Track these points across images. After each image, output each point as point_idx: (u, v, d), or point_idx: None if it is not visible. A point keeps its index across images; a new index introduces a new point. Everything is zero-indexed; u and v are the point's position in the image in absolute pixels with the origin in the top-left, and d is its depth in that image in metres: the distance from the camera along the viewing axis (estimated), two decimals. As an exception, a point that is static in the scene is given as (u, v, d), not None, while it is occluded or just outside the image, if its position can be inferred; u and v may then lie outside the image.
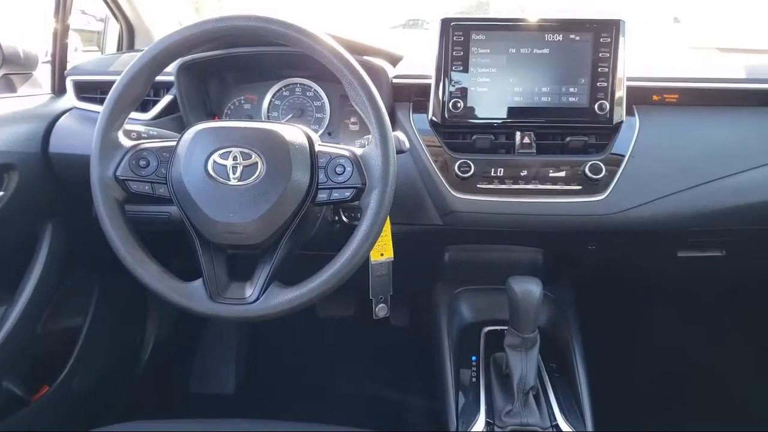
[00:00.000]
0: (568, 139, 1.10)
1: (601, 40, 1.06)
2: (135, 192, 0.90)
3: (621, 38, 1.06)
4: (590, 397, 1.13)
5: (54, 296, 1.35)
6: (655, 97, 1.16)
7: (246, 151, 0.86)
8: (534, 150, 1.11)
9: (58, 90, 1.37)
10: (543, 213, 1.11)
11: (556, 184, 1.09)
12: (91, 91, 1.28)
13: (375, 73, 1.13)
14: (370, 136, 0.87)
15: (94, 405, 1.54)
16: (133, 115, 1.16)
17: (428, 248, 1.35)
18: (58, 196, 1.28)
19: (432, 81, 1.11)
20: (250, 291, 0.87)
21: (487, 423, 1.05)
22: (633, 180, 1.09)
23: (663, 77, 1.17)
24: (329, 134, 1.26)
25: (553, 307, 1.28)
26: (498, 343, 1.12)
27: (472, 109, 1.10)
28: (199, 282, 0.88)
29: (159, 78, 0.94)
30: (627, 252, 1.33)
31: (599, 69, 1.07)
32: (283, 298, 0.85)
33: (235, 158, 0.86)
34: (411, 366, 1.81)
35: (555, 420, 1.05)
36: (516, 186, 1.10)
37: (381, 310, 1.14)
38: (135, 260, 0.87)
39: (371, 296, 1.12)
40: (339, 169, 0.88)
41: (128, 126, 0.94)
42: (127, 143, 0.91)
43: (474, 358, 1.19)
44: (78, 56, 1.55)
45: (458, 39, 1.08)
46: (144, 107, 1.23)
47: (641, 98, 1.14)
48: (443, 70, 1.09)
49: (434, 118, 1.11)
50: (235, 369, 1.84)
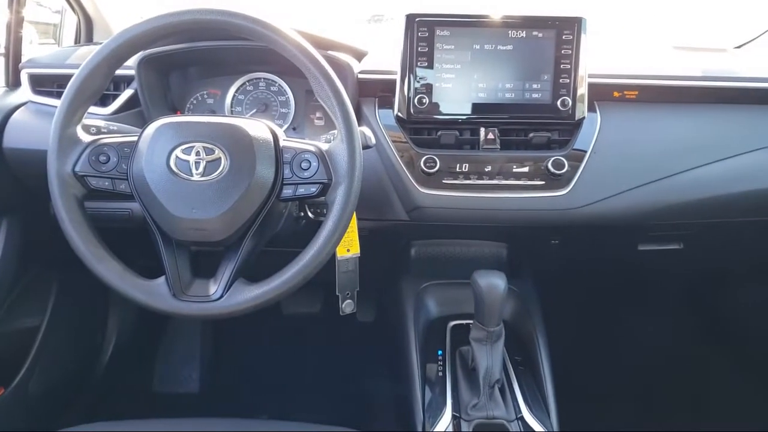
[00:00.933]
0: (532, 135, 1.12)
1: (564, 38, 1.08)
2: (95, 188, 0.87)
3: (582, 36, 1.08)
4: (554, 389, 1.15)
5: (9, 295, 1.31)
6: (616, 94, 1.18)
7: (209, 146, 0.85)
8: (498, 146, 1.12)
9: (13, 83, 1.33)
10: (507, 208, 1.12)
11: (520, 180, 1.11)
12: (48, 85, 1.25)
13: (340, 69, 1.12)
14: (336, 132, 0.87)
15: (53, 407, 1.49)
16: (93, 110, 1.14)
17: (394, 243, 1.35)
18: (13, 192, 1.24)
19: (397, 77, 1.11)
20: (214, 288, 0.86)
21: (454, 417, 1.05)
22: (594, 175, 1.11)
23: (623, 74, 1.20)
24: (294, 129, 1.25)
25: (518, 301, 1.30)
26: (464, 337, 1.12)
27: (437, 105, 1.11)
28: (162, 279, 0.86)
29: (119, 72, 0.91)
30: (589, 246, 1.36)
31: (561, 66, 1.09)
32: (248, 296, 0.84)
33: (198, 153, 0.84)
34: (377, 361, 1.81)
35: (520, 412, 1.06)
36: (481, 181, 1.11)
37: (348, 306, 1.14)
38: (95, 258, 0.85)
39: (338, 292, 1.12)
40: (304, 165, 0.87)
41: (87, 120, 0.92)
42: (87, 138, 0.88)
43: (440, 353, 1.20)
44: (33, 49, 1.50)
45: (423, 35, 1.08)
46: (104, 101, 1.20)
47: (602, 95, 1.16)
48: (408, 66, 1.09)
49: (400, 114, 1.11)
50: (199, 368, 1.82)
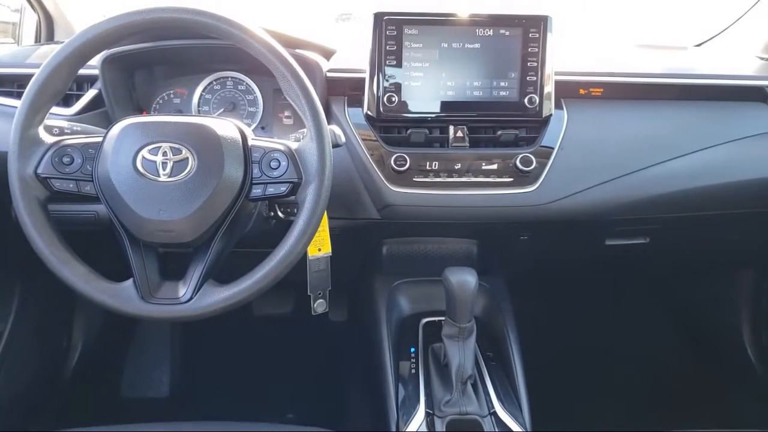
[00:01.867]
0: (500, 133, 1.13)
1: (530, 36, 1.09)
2: (58, 190, 0.85)
3: (549, 34, 1.09)
4: (526, 383, 1.16)
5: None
6: (582, 91, 1.20)
7: (176, 147, 0.83)
8: (467, 143, 1.13)
9: (-30, 83, 1.29)
10: (477, 205, 1.13)
11: (489, 177, 1.12)
12: (8, 85, 1.21)
13: (309, 67, 1.11)
14: (305, 130, 0.87)
15: (17, 414, 1.46)
16: (55, 110, 1.11)
17: (366, 242, 1.35)
18: None
19: (366, 75, 1.11)
20: (184, 290, 0.84)
21: (427, 414, 1.06)
22: (562, 171, 1.13)
23: (589, 72, 1.22)
24: (263, 128, 1.24)
25: (489, 297, 1.31)
26: (436, 334, 1.13)
27: (407, 104, 1.11)
28: (130, 282, 0.85)
29: (82, 71, 0.89)
30: (557, 241, 1.38)
31: (528, 64, 1.10)
32: (218, 297, 0.83)
33: (165, 154, 0.83)
34: (350, 360, 1.81)
35: (493, 407, 1.08)
36: (450, 179, 1.11)
37: (320, 306, 1.13)
38: (59, 261, 0.83)
39: (309, 292, 1.11)
40: (274, 164, 0.87)
41: (49, 121, 0.90)
42: (49, 139, 0.86)
43: (413, 350, 1.21)
44: (-9, 48, 1.46)
45: (391, 33, 1.08)
46: (66, 102, 1.17)
47: (568, 92, 1.18)
48: (377, 65, 1.09)
49: (369, 113, 1.11)
50: (169, 371, 1.79)
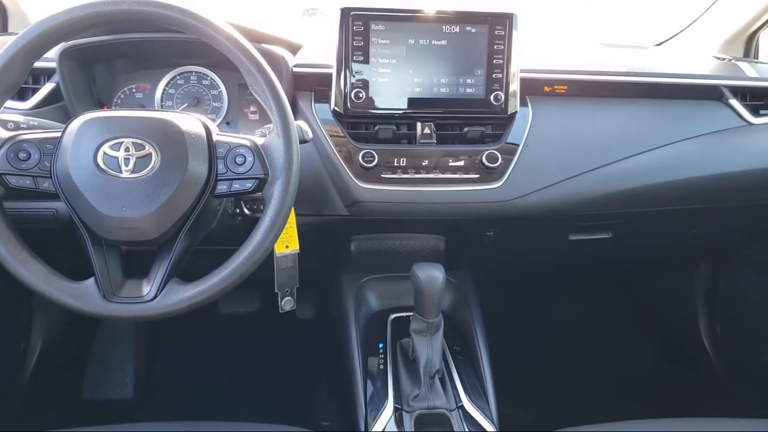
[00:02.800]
0: (466, 130, 1.13)
1: (496, 33, 1.10)
2: (15, 187, 0.82)
3: (514, 32, 1.10)
4: (492, 377, 1.18)
5: None
6: (546, 89, 1.22)
7: (139, 142, 0.82)
8: (434, 140, 1.13)
9: None
10: (444, 201, 1.14)
11: (456, 173, 1.13)
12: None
13: (275, 62, 1.11)
14: (271, 126, 0.86)
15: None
16: (10, 104, 1.08)
17: (334, 239, 1.34)
18: None
19: (333, 71, 1.10)
20: (148, 289, 0.83)
21: (395, 409, 1.06)
22: (527, 168, 1.14)
23: (553, 69, 1.23)
24: (228, 124, 1.22)
25: (456, 292, 1.32)
26: (404, 329, 1.14)
27: (374, 100, 1.11)
28: (91, 281, 0.83)
29: (39, 64, 0.87)
30: (523, 236, 1.40)
31: (494, 61, 1.11)
32: (183, 295, 0.82)
33: (128, 149, 0.81)
34: (318, 357, 1.81)
35: (460, 401, 1.09)
36: (418, 175, 1.12)
37: (287, 304, 1.13)
38: (16, 260, 0.80)
39: (277, 290, 1.10)
40: (239, 160, 0.85)
41: (4, 115, 0.87)
42: (4, 134, 0.83)
43: (381, 346, 1.21)
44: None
45: (358, 29, 1.08)
46: (22, 95, 1.13)
47: (533, 89, 1.20)
48: (344, 60, 1.09)
49: (336, 108, 1.11)
50: (133, 371, 1.75)
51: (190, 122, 0.86)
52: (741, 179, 1.25)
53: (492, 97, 1.12)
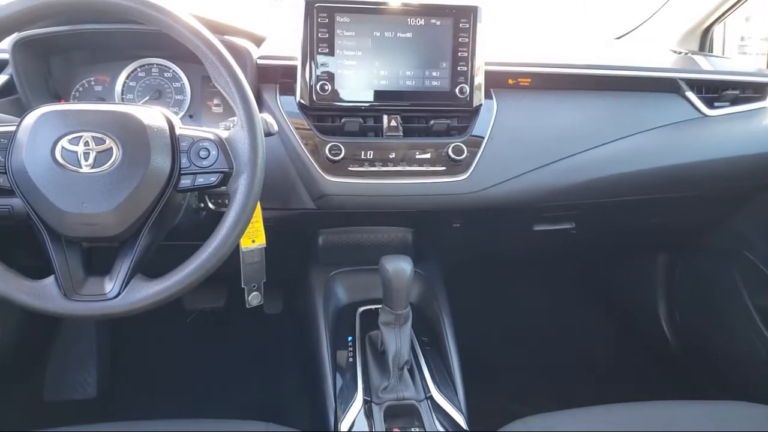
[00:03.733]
0: (432, 122, 1.14)
1: (461, 26, 1.11)
2: None
3: (479, 24, 1.11)
4: (460, 367, 1.19)
5: None
6: (510, 81, 1.23)
7: (99, 136, 0.80)
8: (401, 133, 1.13)
9: None
10: (411, 193, 1.14)
11: (423, 166, 1.13)
12: None
13: (238, 54, 1.09)
14: (236, 119, 0.85)
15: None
16: (-41, 98, 1.04)
17: (301, 233, 1.34)
18: None
19: (298, 63, 1.09)
20: (111, 286, 0.81)
21: (365, 401, 1.06)
22: (492, 160, 1.16)
23: (517, 62, 1.25)
24: (191, 117, 1.20)
25: (424, 283, 1.33)
26: (373, 322, 1.14)
27: (340, 92, 1.10)
28: (51, 279, 0.80)
29: (-10, 55, 0.84)
30: (489, 227, 1.41)
31: (459, 54, 1.12)
32: (147, 292, 0.81)
33: (87, 144, 0.79)
34: (287, 352, 1.80)
35: (429, 392, 1.10)
36: (385, 168, 1.12)
37: (254, 299, 1.12)
38: None
39: (243, 285, 1.09)
40: (203, 153, 0.84)
41: (-46, 109, 0.83)
42: None
43: (350, 339, 1.21)
44: None
45: (323, 21, 1.07)
46: (-28, 88, 1.09)
47: (498, 82, 1.21)
48: (309, 53, 1.08)
49: (302, 101, 1.10)
50: (96, 371, 1.72)
51: (152, 115, 0.84)
52: (697, 170, 1.29)
53: (457, 90, 1.13)
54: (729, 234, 1.58)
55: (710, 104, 1.33)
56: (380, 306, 1.10)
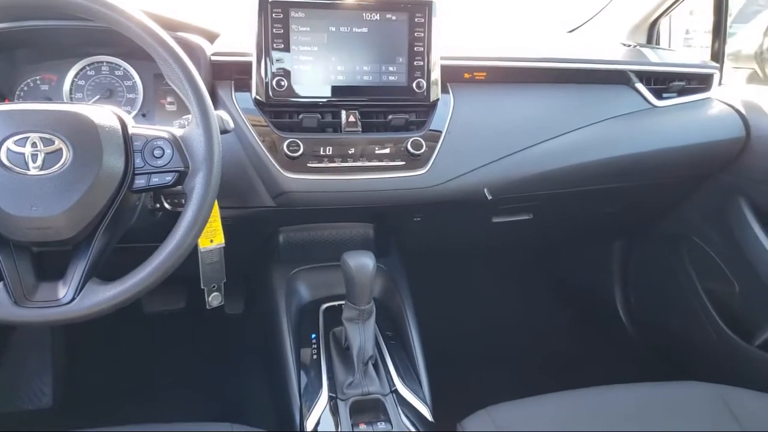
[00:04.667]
0: (390, 117, 1.14)
1: (416, 20, 1.11)
2: None
3: (434, 19, 1.12)
4: (425, 360, 1.20)
5: None
6: (467, 75, 1.25)
7: (47, 137, 0.77)
8: (359, 128, 1.13)
9: None
10: (371, 189, 1.14)
11: (382, 161, 1.13)
12: None
13: (191, 50, 1.07)
14: (190, 116, 0.83)
15: None
16: None
17: (261, 231, 1.32)
18: None
19: (253, 59, 1.08)
20: (64, 291, 0.79)
21: (330, 397, 1.07)
22: (450, 154, 1.17)
23: (472, 56, 1.26)
24: (144, 116, 1.17)
25: (386, 278, 1.34)
26: (336, 319, 1.14)
27: (297, 88, 1.09)
28: (0, 286, 0.77)
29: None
30: (449, 221, 1.43)
31: (415, 48, 1.12)
32: (103, 296, 0.78)
33: (35, 145, 0.76)
34: (250, 352, 1.78)
35: (394, 385, 1.10)
36: (345, 164, 1.11)
37: (214, 299, 1.10)
38: None
39: (203, 285, 1.08)
40: (157, 152, 0.82)
41: None
42: None
43: (313, 336, 1.21)
44: None
45: (277, 16, 1.06)
46: None
47: (454, 76, 1.22)
48: (264, 49, 1.07)
49: (258, 97, 1.09)
50: (52, 379, 1.66)
51: (103, 115, 0.82)
52: (648, 159, 1.33)
53: (414, 85, 1.13)
54: (679, 220, 1.64)
55: (658, 95, 1.38)
56: (343, 302, 1.10)
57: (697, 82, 1.43)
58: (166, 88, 1.14)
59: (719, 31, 1.55)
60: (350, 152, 1.11)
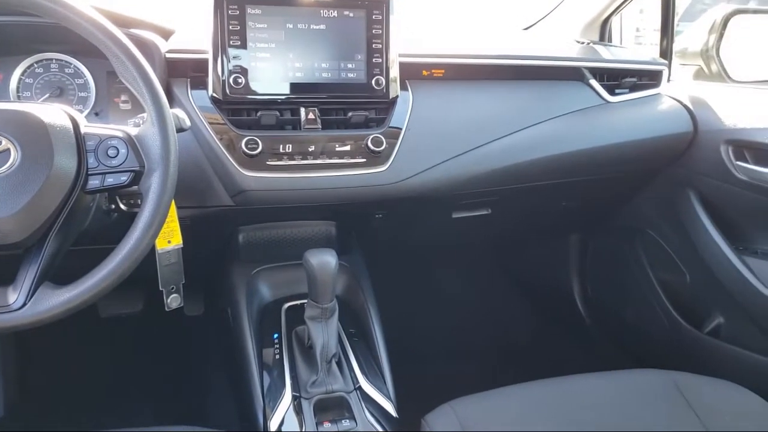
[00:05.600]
0: (350, 114, 1.14)
1: (374, 18, 1.11)
2: None
3: (391, 16, 1.12)
4: (388, 356, 1.21)
5: None
6: (425, 73, 1.25)
7: None
8: (319, 125, 1.12)
9: None
10: (332, 186, 1.14)
11: (342, 158, 1.13)
12: None
13: (145, 48, 1.04)
14: (145, 115, 0.81)
15: None
16: None
17: (220, 230, 1.31)
18: None
19: (209, 56, 1.06)
20: (15, 296, 0.76)
21: (294, 396, 1.06)
22: (410, 151, 1.17)
23: (430, 54, 1.27)
24: (96, 115, 1.14)
25: (349, 275, 1.34)
26: (299, 318, 1.13)
27: (254, 85, 1.08)
28: None
29: None
30: (410, 217, 1.44)
31: (373, 45, 1.12)
32: (56, 301, 0.76)
33: (-21, 145, 0.73)
34: (212, 354, 1.76)
35: (358, 382, 1.10)
36: (305, 161, 1.11)
37: (173, 301, 1.08)
38: None
39: (161, 287, 1.06)
40: (111, 152, 0.80)
41: None
42: None
43: (276, 336, 1.20)
44: None
45: (233, 13, 1.05)
46: None
47: (413, 73, 1.22)
48: (220, 46, 1.05)
49: (215, 95, 1.07)
50: (2, 389, 1.60)
51: (54, 114, 0.80)
52: (602, 153, 1.36)
53: (373, 82, 1.13)
54: (633, 213, 1.68)
55: (611, 91, 1.41)
56: (306, 301, 1.09)
57: (648, 79, 1.47)
58: (120, 87, 1.12)
59: (667, 29, 1.60)
60: (310, 150, 1.11)
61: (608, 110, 1.39)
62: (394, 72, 1.14)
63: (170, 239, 1.03)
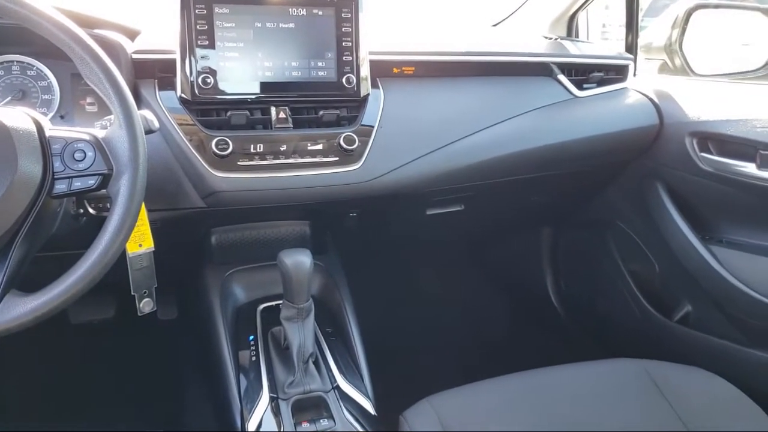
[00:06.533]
0: (322, 113, 1.13)
1: (343, 15, 1.11)
2: None
3: (360, 14, 1.12)
4: (365, 354, 1.21)
5: None
6: (395, 70, 1.26)
7: None
8: (290, 125, 1.12)
9: None
10: (305, 186, 1.13)
11: (315, 157, 1.12)
12: None
13: (111, 49, 1.02)
14: (112, 117, 0.80)
15: None
16: None
17: (192, 233, 1.29)
18: None
19: (177, 57, 1.05)
20: (-20, 305, 0.74)
21: (271, 398, 1.05)
22: (383, 148, 1.17)
23: (400, 51, 1.27)
24: (62, 117, 1.11)
25: (324, 275, 1.33)
26: (275, 319, 1.13)
27: (224, 85, 1.07)
28: None
29: None
30: (384, 215, 1.44)
31: (343, 44, 1.12)
32: (24, 309, 0.74)
33: (-62, 151, 0.71)
34: (187, 358, 1.74)
35: (336, 382, 1.10)
36: (277, 161, 1.10)
37: (146, 305, 1.06)
38: None
39: (133, 292, 1.04)
40: (78, 155, 0.79)
41: None
42: None
43: (251, 338, 1.19)
44: None
45: (201, 12, 1.03)
46: None
47: (383, 71, 1.23)
48: (188, 46, 1.04)
49: (184, 95, 1.05)
50: None
51: (16, 117, 0.77)
52: (569, 148, 1.38)
53: (344, 80, 1.13)
54: (603, 206, 1.71)
55: (579, 86, 1.43)
56: (281, 302, 1.09)
57: (615, 73, 1.50)
58: (86, 89, 1.09)
59: (632, 25, 1.63)
60: (282, 149, 1.10)
61: (576, 105, 1.41)
62: (365, 70, 1.14)
63: (141, 243, 1.02)
